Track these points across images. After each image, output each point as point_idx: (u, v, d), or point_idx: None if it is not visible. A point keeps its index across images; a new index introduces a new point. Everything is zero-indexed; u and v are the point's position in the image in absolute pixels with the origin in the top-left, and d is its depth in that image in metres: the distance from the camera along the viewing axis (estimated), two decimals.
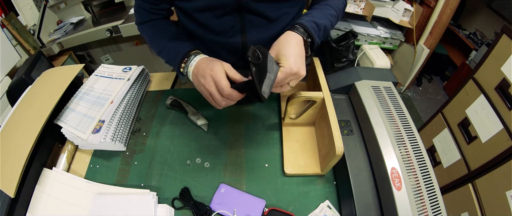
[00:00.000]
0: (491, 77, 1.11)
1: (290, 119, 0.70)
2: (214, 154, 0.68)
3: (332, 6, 0.62)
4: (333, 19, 0.62)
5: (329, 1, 0.63)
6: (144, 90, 0.85)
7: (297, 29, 0.55)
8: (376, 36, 2.04)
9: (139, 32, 0.69)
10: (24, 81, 1.29)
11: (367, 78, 0.73)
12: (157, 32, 0.66)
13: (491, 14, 2.19)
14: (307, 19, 0.57)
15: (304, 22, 0.56)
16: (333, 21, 0.62)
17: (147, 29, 0.67)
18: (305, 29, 0.55)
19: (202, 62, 0.54)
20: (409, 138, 0.60)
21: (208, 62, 0.53)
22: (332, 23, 0.62)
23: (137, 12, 0.67)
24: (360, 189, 0.56)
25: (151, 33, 0.66)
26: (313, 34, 0.55)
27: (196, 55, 0.56)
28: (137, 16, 0.68)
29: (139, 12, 0.67)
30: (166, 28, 0.66)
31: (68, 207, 0.59)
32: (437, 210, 0.50)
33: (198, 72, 0.53)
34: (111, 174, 0.66)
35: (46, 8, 1.83)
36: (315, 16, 0.58)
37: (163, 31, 0.65)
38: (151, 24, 0.67)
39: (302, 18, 0.58)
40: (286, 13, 0.64)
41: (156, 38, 0.65)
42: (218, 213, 0.57)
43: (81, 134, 0.64)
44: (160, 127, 0.75)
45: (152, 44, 0.66)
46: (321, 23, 0.57)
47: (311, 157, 0.65)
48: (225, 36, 0.64)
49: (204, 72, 0.51)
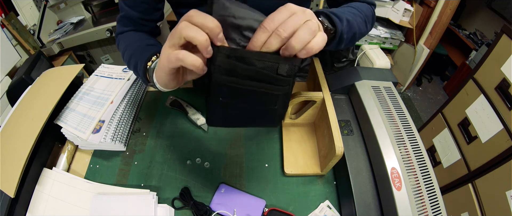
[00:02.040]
0: (491, 77, 1.11)
1: (290, 119, 0.70)
2: (214, 154, 0.68)
3: (356, 8, 0.52)
4: (358, 19, 0.50)
5: (353, 3, 0.54)
6: (144, 90, 0.85)
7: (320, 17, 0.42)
8: (376, 36, 2.04)
9: (117, 44, 0.62)
10: (24, 81, 1.29)
11: (367, 78, 0.73)
12: (139, 37, 0.59)
13: (491, 14, 2.19)
14: (333, 11, 0.45)
15: (326, 11, 0.44)
16: (358, 21, 0.49)
17: (128, 35, 0.59)
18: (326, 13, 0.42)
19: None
20: (409, 138, 0.60)
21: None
22: (356, 21, 0.49)
23: (120, 21, 0.62)
24: (360, 189, 0.56)
25: (135, 37, 0.58)
26: (334, 20, 0.43)
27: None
28: (119, 26, 0.62)
29: (122, 22, 0.61)
30: (150, 36, 0.61)
31: (68, 207, 0.59)
32: (437, 210, 0.50)
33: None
34: (111, 174, 0.66)
35: (46, 8, 1.83)
36: (343, 13, 0.46)
37: (146, 37, 0.60)
38: (134, 33, 0.60)
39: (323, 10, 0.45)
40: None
41: (137, 40, 0.55)
42: (218, 213, 0.57)
43: (81, 134, 0.64)
44: (160, 127, 0.75)
45: (128, 48, 0.55)
46: (341, 15, 0.45)
47: (311, 157, 0.65)
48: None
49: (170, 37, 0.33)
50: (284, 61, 0.32)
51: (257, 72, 0.32)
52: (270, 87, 0.34)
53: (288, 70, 0.32)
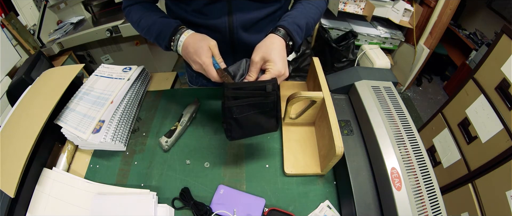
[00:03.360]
0: (491, 77, 1.11)
1: (290, 119, 0.70)
2: (214, 154, 0.68)
3: (314, 5, 0.66)
4: (316, 17, 0.66)
5: (311, 0, 0.67)
6: (144, 90, 0.85)
7: (280, 32, 0.58)
8: (376, 36, 2.04)
9: (125, 15, 0.69)
10: (24, 81, 1.29)
11: (367, 78, 0.73)
12: (148, 11, 0.66)
13: (491, 14, 2.19)
14: (290, 21, 0.60)
15: (286, 24, 0.59)
16: (315, 19, 0.66)
17: (136, 9, 0.67)
18: (288, 32, 0.58)
19: (191, 40, 0.57)
20: (409, 138, 0.60)
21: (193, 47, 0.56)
22: (315, 21, 0.66)
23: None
24: (360, 189, 0.56)
25: (141, 12, 0.66)
26: (295, 38, 0.59)
27: (181, 34, 0.58)
28: (125, 0, 0.69)
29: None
30: (156, 8, 0.68)
31: (68, 207, 0.59)
32: (437, 210, 0.50)
33: (188, 57, 0.57)
34: (111, 174, 0.66)
35: (46, 8, 1.83)
36: (297, 17, 0.61)
37: (153, 10, 0.67)
38: (140, 5, 0.67)
39: (284, 19, 0.61)
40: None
41: (147, 15, 0.65)
42: (218, 213, 0.57)
43: (81, 134, 0.64)
44: (160, 127, 0.75)
45: (140, 22, 0.65)
46: (302, 24, 0.61)
47: (311, 157, 0.65)
48: (212, 18, 0.65)
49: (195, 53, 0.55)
50: (268, 82, 0.52)
51: (250, 92, 0.52)
52: (263, 99, 0.52)
53: (272, 87, 0.51)
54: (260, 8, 0.65)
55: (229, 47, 0.70)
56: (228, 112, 0.52)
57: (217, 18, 0.65)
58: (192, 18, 0.66)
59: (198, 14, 0.65)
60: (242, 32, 0.67)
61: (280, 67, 0.54)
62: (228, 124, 0.53)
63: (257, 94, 0.52)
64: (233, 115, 0.52)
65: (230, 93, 0.51)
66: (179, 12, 0.68)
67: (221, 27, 0.66)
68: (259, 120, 0.54)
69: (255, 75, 0.55)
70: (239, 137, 0.57)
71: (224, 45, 0.70)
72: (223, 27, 0.66)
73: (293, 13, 0.63)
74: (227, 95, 0.51)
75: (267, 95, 0.52)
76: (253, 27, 0.68)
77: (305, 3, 0.66)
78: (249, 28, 0.68)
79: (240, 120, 0.53)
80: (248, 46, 0.65)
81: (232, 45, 0.70)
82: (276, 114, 0.55)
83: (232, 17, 0.64)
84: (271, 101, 0.52)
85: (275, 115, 0.55)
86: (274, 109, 0.54)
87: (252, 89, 0.51)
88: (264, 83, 0.52)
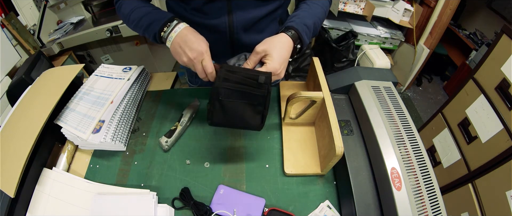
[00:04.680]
0: (491, 77, 1.11)
1: (290, 119, 0.70)
2: (214, 154, 0.68)
3: (319, 4, 0.66)
4: (322, 16, 0.67)
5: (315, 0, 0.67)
6: (144, 90, 0.85)
7: (291, 32, 0.58)
8: (376, 36, 2.04)
9: (116, 9, 0.67)
10: (24, 81, 1.29)
11: (367, 78, 0.73)
12: (141, 4, 0.64)
13: (491, 14, 2.19)
14: (298, 22, 0.60)
15: (295, 25, 0.59)
16: (321, 19, 0.67)
17: (128, 2, 0.64)
18: (298, 34, 0.58)
19: (191, 31, 0.56)
20: (409, 138, 0.60)
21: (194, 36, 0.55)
22: (321, 21, 0.66)
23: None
24: (360, 189, 0.56)
25: (134, 4, 0.63)
26: (303, 39, 0.59)
27: (179, 22, 0.57)
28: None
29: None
30: (148, 2, 0.66)
31: (68, 207, 0.59)
32: (437, 210, 0.50)
33: (185, 44, 0.54)
34: (111, 174, 0.66)
35: (46, 8, 1.83)
36: (304, 18, 0.62)
37: (146, 4, 0.64)
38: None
39: (292, 20, 0.61)
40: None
41: (140, 7, 0.62)
42: (218, 213, 0.57)
43: (81, 134, 0.64)
44: (160, 127, 0.75)
45: (132, 14, 0.63)
46: (310, 24, 0.62)
47: (311, 157, 0.65)
48: (211, 17, 0.65)
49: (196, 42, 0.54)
50: (262, 74, 0.52)
51: (243, 78, 0.51)
52: (254, 89, 0.52)
53: (265, 80, 0.51)
54: (260, 6, 0.65)
55: (229, 48, 0.70)
56: (215, 93, 0.51)
57: (217, 18, 0.65)
58: (191, 17, 0.66)
59: (198, 12, 0.65)
60: (242, 32, 0.67)
61: (276, 65, 0.54)
62: (212, 105, 0.52)
63: (249, 82, 0.51)
64: (219, 97, 0.51)
65: (222, 74, 0.51)
66: (179, 10, 0.67)
67: (221, 27, 0.66)
68: (245, 112, 0.53)
69: (253, 64, 0.55)
70: (219, 124, 0.55)
71: (224, 46, 0.70)
72: (223, 27, 0.66)
73: (300, 14, 0.63)
74: (220, 76, 0.51)
75: (258, 86, 0.51)
76: (253, 27, 0.68)
77: (310, 3, 0.66)
78: (249, 29, 0.68)
79: (224, 104, 0.52)
80: (247, 47, 0.65)
81: (231, 46, 0.70)
82: (263, 111, 0.54)
83: (232, 16, 0.64)
84: (260, 94, 0.52)
85: (261, 112, 0.54)
86: (262, 105, 0.53)
87: (245, 76, 0.51)
88: (258, 74, 0.51)
